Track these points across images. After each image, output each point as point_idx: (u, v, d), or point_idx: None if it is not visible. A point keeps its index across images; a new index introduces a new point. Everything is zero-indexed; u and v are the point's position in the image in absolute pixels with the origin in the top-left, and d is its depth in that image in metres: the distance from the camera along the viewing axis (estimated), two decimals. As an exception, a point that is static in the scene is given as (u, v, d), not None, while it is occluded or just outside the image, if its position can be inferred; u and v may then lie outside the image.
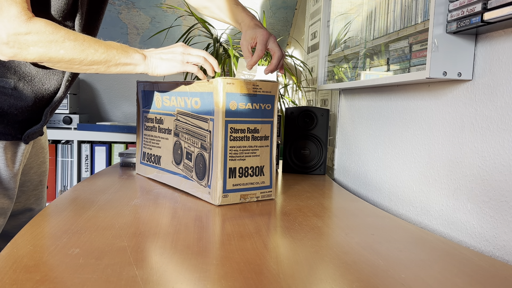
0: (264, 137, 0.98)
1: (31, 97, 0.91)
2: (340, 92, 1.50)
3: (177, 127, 1.07)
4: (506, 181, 0.74)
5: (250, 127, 0.95)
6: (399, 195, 1.07)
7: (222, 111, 0.91)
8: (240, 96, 0.93)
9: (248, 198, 0.97)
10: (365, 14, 1.21)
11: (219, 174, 0.92)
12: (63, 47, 0.78)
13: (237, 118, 0.93)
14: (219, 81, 0.90)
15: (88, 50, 0.81)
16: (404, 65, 0.98)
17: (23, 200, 1.07)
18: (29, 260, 0.57)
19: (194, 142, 1.00)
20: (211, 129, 0.93)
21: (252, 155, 0.97)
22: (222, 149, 0.92)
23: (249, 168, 0.96)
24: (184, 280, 0.54)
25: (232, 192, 0.94)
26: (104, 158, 2.28)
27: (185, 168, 1.03)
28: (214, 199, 0.93)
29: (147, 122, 1.21)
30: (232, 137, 0.93)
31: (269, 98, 0.98)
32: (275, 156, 1.01)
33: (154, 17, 2.21)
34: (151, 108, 1.18)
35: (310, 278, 0.56)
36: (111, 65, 0.85)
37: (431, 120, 0.95)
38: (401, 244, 0.71)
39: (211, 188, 0.94)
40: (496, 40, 0.77)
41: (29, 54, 0.76)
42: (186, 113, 1.03)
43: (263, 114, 0.97)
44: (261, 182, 0.99)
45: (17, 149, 0.96)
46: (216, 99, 0.91)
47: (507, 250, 0.73)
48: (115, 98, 2.59)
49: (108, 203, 0.90)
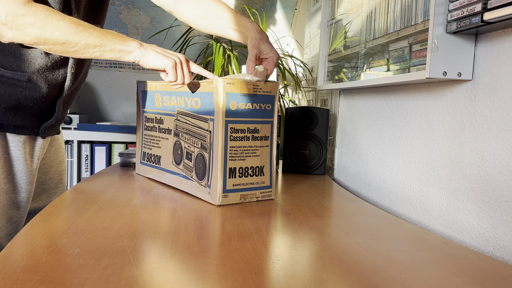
0: (264, 137, 0.98)
1: (44, 87, 0.94)
2: (340, 92, 1.50)
3: (177, 127, 1.06)
4: (506, 181, 0.74)
5: (250, 127, 0.95)
6: (399, 195, 1.07)
7: (222, 111, 0.90)
8: (240, 96, 0.93)
9: (248, 198, 0.97)
10: (365, 14, 1.21)
11: (219, 174, 0.92)
12: (58, 29, 0.80)
13: (237, 118, 0.93)
14: (219, 81, 0.90)
15: (83, 33, 0.83)
16: (404, 65, 0.98)
17: (44, 198, 1.10)
18: (29, 260, 0.57)
19: (194, 142, 1.00)
20: (211, 129, 0.93)
21: (252, 155, 0.96)
22: (222, 149, 0.91)
23: (249, 168, 0.96)
24: (184, 280, 0.54)
25: (232, 192, 0.94)
26: (104, 158, 2.28)
27: (185, 168, 1.03)
28: (214, 199, 0.93)
29: (147, 122, 1.21)
30: (232, 137, 0.93)
31: (269, 98, 0.98)
32: (275, 156, 1.01)
33: (154, 17, 2.21)
34: (152, 108, 1.18)
35: (310, 278, 0.56)
36: (106, 50, 0.86)
37: (431, 120, 0.95)
38: (401, 244, 0.71)
39: (211, 188, 0.93)
40: (496, 40, 0.77)
41: (26, 36, 0.79)
42: (186, 113, 1.02)
43: (263, 114, 0.97)
44: (261, 182, 0.99)
45: (35, 144, 1.01)
46: (216, 99, 0.91)
47: (507, 250, 0.73)
48: (115, 98, 2.59)
49: (108, 203, 0.90)
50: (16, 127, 0.95)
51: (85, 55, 0.86)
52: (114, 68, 2.54)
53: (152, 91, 1.17)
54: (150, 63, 0.90)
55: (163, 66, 0.90)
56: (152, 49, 0.91)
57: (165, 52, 0.92)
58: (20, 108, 0.94)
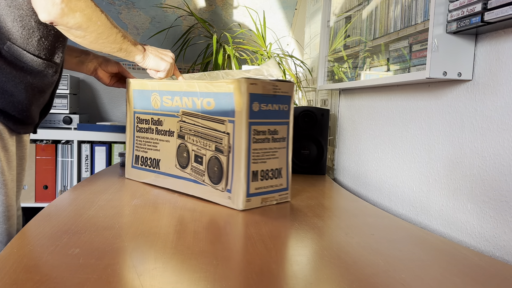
0: (282, 138, 0.96)
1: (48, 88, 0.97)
2: (340, 92, 1.50)
3: (182, 128, 1.02)
4: (506, 181, 0.74)
5: (270, 128, 0.93)
6: (399, 195, 1.07)
7: (245, 112, 0.87)
8: (262, 97, 0.90)
9: (268, 201, 0.94)
10: (365, 14, 1.21)
11: (243, 178, 0.88)
12: (100, 19, 0.86)
13: (259, 119, 0.90)
14: (243, 81, 0.86)
15: (114, 29, 0.90)
16: (404, 65, 0.98)
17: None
18: (29, 260, 0.57)
19: (205, 144, 0.96)
20: (230, 131, 0.90)
21: (272, 157, 0.94)
22: (246, 151, 0.88)
23: (269, 170, 0.93)
24: (184, 280, 0.54)
25: (255, 196, 0.91)
26: (104, 158, 2.28)
27: (194, 172, 0.99)
28: (237, 203, 0.89)
29: (140, 123, 1.15)
30: (254, 139, 0.89)
31: (286, 99, 0.95)
32: (291, 157, 0.99)
33: (154, 17, 2.21)
34: (146, 108, 1.12)
35: (310, 278, 0.56)
36: (122, 50, 0.95)
37: (431, 120, 0.95)
38: (401, 244, 0.71)
39: (232, 193, 0.90)
40: (496, 40, 0.77)
41: (73, 19, 0.83)
42: (194, 114, 0.99)
43: (280, 115, 0.95)
44: (279, 184, 0.96)
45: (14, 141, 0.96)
46: (238, 100, 0.87)
47: (507, 250, 0.73)
48: (115, 98, 2.59)
49: (108, 203, 0.90)
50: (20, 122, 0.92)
51: (105, 48, 0.92)
52: (114, 68, 2.54)
53: (147, 90, 1.11)
54: (149, 65, 1.03)
55: (162, 68, 1.04)
56: (151, 53, 1.03)
57: (160, 54, 1.04)
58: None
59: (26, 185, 2.19)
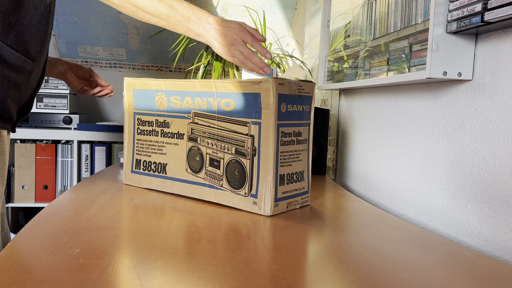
0: (304, 140, 0.93)
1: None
2: (340, 92, 1.50)
3: (194, 131, 0.97)
4: (506, 181, 0.74)
5: (295, 130, 0.89)
6: (399, 195, 1.07)
7: (274, 113, 0.83)
8: (289, 97, 0.86)
9: (292, 205, 0.91)
10: (365, 14, 1.21)
11: (271, 183, 0.84)
12: None
13: (286, 121, 0.87)
14: (271, 81, 0.82)
15: None
16: (404, 65, 0.98)
17: None
18: (29, 260, 0.57)
19: (223, 147, 0.91)
20: (255, 134, 0.86)
21: (296, 159, 0.90)
22: (274, 155, 0.84)
23: (294, 174, 0.90)
24: (184, 280, 0.54)
25: (282, 200, 0.88)
26: (104, 158, 2.28)
27: (210, 177, 0.94)
28: (265, 209, 0.85)
29: (142, 125, 1.08)
30: (282, 141, 0.86)
31: (308, 100, 0.92)
32: (311, 159, 0.96)
33: (154, 17, 2.21)
34: (150, 109, 1.06)
35: (310, 278, 0.56)
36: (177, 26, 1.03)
37: (431, 120, 0.95)
38: (401, 244, 0.71)
39: (259, 198, 0.86)
40: (496, 40, 0.77)
41: None
42: (210, 115, 0.93)
43: (303, 116, 0.92)
44: (302, 187, 0.93)
45: None
46: (266, 100, 0.83)
47: (507, 250, 0.73)
48: (115, 98, 2.59)
49: (108, 203, 0.90)
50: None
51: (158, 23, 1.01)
52: (114, 68, 2.54)
53: (151, 90, 1.04)
54: (215, 50, 1.06)
55: (233, 61, 1.07)
56: (212, 35, 1.05)
57: (225, 37, 1.04)
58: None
59: (26, 185, 2.19)
